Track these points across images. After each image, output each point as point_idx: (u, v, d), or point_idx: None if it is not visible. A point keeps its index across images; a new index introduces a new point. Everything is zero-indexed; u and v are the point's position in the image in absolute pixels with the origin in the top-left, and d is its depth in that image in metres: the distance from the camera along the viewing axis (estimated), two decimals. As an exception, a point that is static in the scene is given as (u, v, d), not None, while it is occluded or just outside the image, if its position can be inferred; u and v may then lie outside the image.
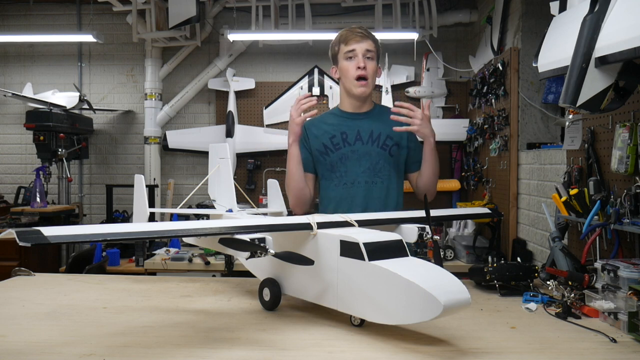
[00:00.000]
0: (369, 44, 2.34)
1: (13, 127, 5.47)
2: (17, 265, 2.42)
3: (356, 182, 2.35)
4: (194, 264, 3.98)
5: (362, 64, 2.31)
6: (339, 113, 2.46)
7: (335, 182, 2.38)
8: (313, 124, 2.45)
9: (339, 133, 2.37)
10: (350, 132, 2.37)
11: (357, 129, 2.37)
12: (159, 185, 5.21)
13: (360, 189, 2.34)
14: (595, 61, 1.49)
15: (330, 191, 2.39)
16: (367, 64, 2.33)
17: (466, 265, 3.88)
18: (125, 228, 1.41)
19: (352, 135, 2.37)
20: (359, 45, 2.33)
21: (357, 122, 2.40)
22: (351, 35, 2.34)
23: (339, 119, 2.43)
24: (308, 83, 5.18)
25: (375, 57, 2.38)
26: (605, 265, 1.60)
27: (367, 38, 2.35)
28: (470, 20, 4.96)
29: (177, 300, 1.82)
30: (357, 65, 2.32)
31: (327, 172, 2.39)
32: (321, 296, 1.54)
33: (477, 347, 1.34)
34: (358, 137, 2.36)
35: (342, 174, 2.36)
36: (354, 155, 2.35)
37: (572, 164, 2.43)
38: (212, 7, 5.13)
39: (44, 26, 5.43)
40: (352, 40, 2.33)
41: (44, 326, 1.52)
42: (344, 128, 2.38)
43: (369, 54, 2.34)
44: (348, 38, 2.35)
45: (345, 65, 2.35)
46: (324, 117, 2.50)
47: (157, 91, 5.23)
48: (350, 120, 2.41)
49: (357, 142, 2.35)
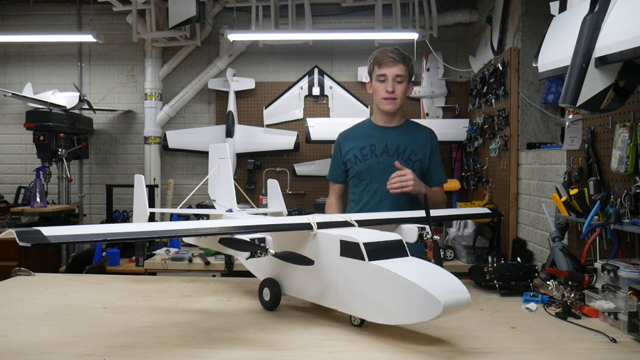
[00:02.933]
0: (400, 69, 2.49)
1: (13, 127, 5.47)
2: (17, 265, 2.42)
3: (379, 192, 2.50)
4: (194, 264, 3.98)
5: (391, 89, 2.50)
6: (371, 126, 2.65)
7: (361, 188, 2.57)
8: (347, 136, 2.66)
9: (368, 145, 2.56)
10: (379, 144, 2.55)
11: (385, 142, 2.55)
12: (159, 185, 5.21)
13: (385, 199, 2.48)
14: (595, 61, 1.49)
15: (357, 196, 2.58)
16: (396, 88, 2.51)
17: (466, 265, 3.88)
18: (125, 228, 1.41)
19: (380, 147, 2.55)
20: (390, 70, 2.49)
21: (386, 136, 2.57)
22: (384, 59, 2.50)
23: (370, 131, 2.62)
24: (308, 83, 5.18)
25: (406, 79, 2.54)
26: (605, 265, 1.60)
27: (398, 63, 2.49)
28: (470, 20, 4.96)
29: (177, 300, 1.83)
30: (386, 89, 2.50)
31: (355, 179, 2.59)
32: (321, 296, 1.54)
33: (477, 347, 1.34)
34: (385, 149, 2.53)
35: (367, 183, 2.55)
36: (380, 166, 2.52)
37: (572, 164, 2.43)
38: (212, 7, 5.13)
39: (44, 26, 5.43)
40: (384, 65, 2.50)
41: (44, 326, 1.52)
42: (374, 140, 2.56)
43: (399, 78, 2.50)
44: (381, 62, 2.51)
45: (377, 87, 2.55)
46: (356, 129, 2.70)
47: (157, 91, 5.23)
48: (379, 132, 2.59)
49: (384, 154, 2.53)
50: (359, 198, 2.57)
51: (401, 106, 2.57)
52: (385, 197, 2.48)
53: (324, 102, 5.17)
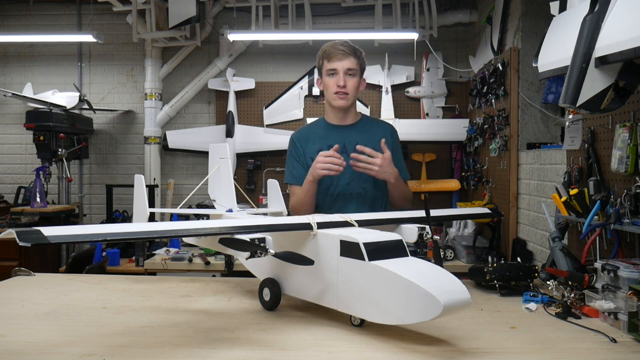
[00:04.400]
0: (351, 62, 2.37)
1: (13, 127, 5.47)
2: (17, 265, 2.42)
3: (342, 194, 2.38)
4: (194, 264, 3.98)
5: (342, 82, 2.37)
6: (325, 125, 2.52)
7: (322, 193, 2.40)
8: (303, 137, 2.50)
9: (326, 146, 2.39)
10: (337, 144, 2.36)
11: (343, 141, 2.40)
12: (159, 185, 5.21)
13: (352, 200, 2.37)
14: (595, 61, 1.49)
15: (319, 201, 2.42)
16: (348, 82, 2.38)
17: (466, 265, 3.88)
18: (125, 228, 1.41)
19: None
20: (341, 64, 2.37)
21: (344, 135, 2.43)
22: (334, 52, 2.38)
23: (326, 131, 2.48)
24: (308, 83, 5.18)
25: (358, 73, 2.41)
26: (605, 265, 1.60)
27: (348, 55, 2.37)
28: (470, 20, 4.96)
29: (177, 300, 1.82)
30: (337, 83, 2.37)
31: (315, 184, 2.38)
32: (321, 296, 1.54)
33: (477, 347, 1.34)
34: (344, 149, 2.38)
35: (328, 185, 2.39)
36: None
37: (572, 164, 2.43)
38: (212, 7, 5.13)
39: (44, 26, 5.43)
40: (334, 58, 2.38)
41: (44, 326, 1.52)
42: (331, 141, 2.40)
43: (350, 71, 2.38)
44: (331, 55, 2.39)
45: (327, 81, 2.42)
46: (311, 129, 2.55)
47: (157, 91, 5.23)
48: (336, 132, 2.45)
49: (343, 154, 2.34)
50: (321, 204, 2.40)
51: (354, 102, 2.45)
52: (350, 200, 2.37)
53: (324, 102, 5.17)
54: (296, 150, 2.49)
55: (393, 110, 4.94)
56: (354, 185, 2.39)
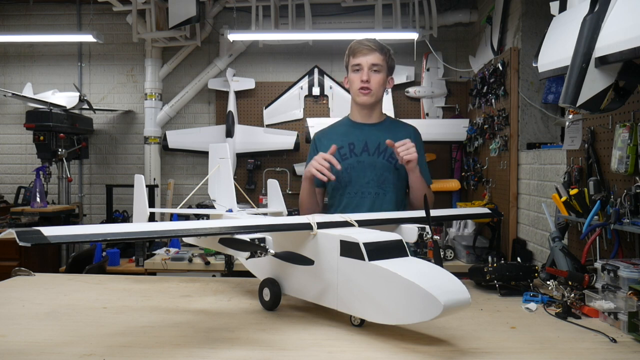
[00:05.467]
0: (376, 57, 2.37)
1: (13, 127, 5.47)
2: (17, 265, 2.42)
3: (360, 193, 2.38)
4: (194, 264, 3.98)
5: (366, 78, 2.36)
6: (349, 123, 2.51)
7: (341, 191, 2.41)
8: (324, 135, 2.51)
9: (347, 144, 2.41)
10: (358, 142, 2.41)
11: (365, 139, 2.41)
12: (159, 185, 5.21)
13: (366, 200, 2.37)
14: (595, 61, 1.49)
15: (336, 200, 2.43)
16: (372, 77, 2.37)
17: (466, 265, 3.88)
18: (125, 228, 1.41)
19: (359, 146, 2.40)
20: (365, 59, 2.36)
21: (366, 133, 2.43)
22: (359, 48, 2.38)
23: (348, 128, 2.48)
24: (308, 83, 5.18)
25: (384, 70, 2.40)
26: (605, 265, 1.60)
27: (374, 51, 2.37)
28: (470, 20, 4.96)
29: (177, 300, 1.82)
30: (361, 79, 2.37)
31: (334, 182, 2.38)
32: (321, 296, 1.54)
33: (477, 347, 1.34)
34: (365, 148, 2.40)
35: (346, 184, 2.39)
36: (360, 166, 2.38)
37: (572, 164, 2.43)
38: (212, 7, 5.13)
39: (44, 26, 5.43)
40: (359, 54, 2.38)
41: (44, 326, 1.52)
42: (352, 138, 2.42)
43: (375, 67, 2.37)
44: (356, 51, 2.39)
45: (352, 77, 2.42)
46: (334, 127, 2.55)
47: (157, 91, 5.23)
48: (358, 130, 2.45)
49: (364, 153, 2.38)
50: (337, 202, 2.41)
51: (379, 99, 2.43)
52: (364, 198, 2.36)
53: (324, 102, 5.17)
54: (315, 147, 2.50)
55: (393, 110, 4.94)
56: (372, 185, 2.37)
